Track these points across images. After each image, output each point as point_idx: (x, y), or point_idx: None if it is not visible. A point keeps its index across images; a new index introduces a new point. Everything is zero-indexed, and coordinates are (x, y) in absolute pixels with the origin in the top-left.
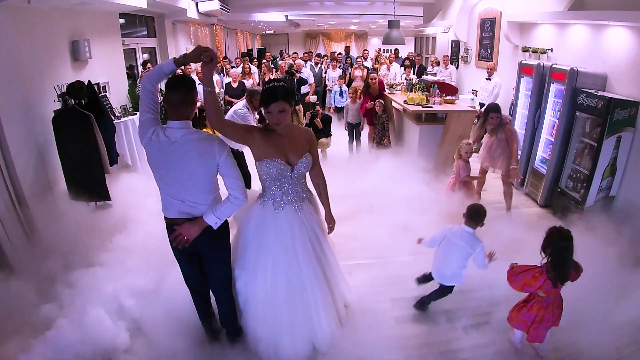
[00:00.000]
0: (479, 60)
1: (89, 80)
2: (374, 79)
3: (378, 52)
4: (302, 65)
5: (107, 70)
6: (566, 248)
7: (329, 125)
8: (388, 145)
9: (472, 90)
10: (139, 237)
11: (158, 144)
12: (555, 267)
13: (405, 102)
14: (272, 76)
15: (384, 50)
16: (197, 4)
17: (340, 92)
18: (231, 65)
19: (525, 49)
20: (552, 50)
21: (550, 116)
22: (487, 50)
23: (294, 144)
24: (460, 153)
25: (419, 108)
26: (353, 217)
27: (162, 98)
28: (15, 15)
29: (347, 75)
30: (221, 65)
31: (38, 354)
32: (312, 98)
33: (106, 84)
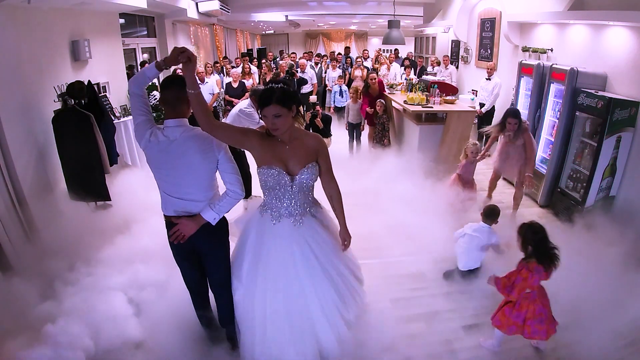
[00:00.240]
0: (479, 60)
1: (89, 80)
2: (374, 79)
3: (378, 52)
4: (305, 65)
5: (107, 70)
6: (543, 239)
7: (329, 126)
8: (388, 145)
9: (472, 90)
10: (140, 237)
11: (157, 145)
12: (542, 259)
13: (405, 102)
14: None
15: (384, 50)
16: (197, 4)
17: (340, 92)
18: (231, 65)
19: (525, 49)
20: (552, 50)
21: (550, 116)
22: (487, 50)
23: (297, 152)
24: (466, 153)
25: (419, 108)
26: (353, 216)
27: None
28: (15, 15)
29: (347, 75)
30: (221, 65)
31: (38, 352)
32: (313, 98)
33: (106, 84)
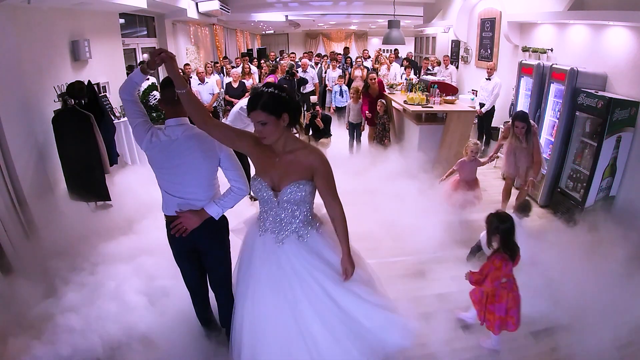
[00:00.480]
0: (479, 60)
1: (89, 80)
2: (374, 79)
3: (378, 52)
4: (307, 65)
5: (107, 70)
6: (510, 228)
7: (329, 126)
8: (388, 145)
9: (472, 90)
10: (140, 237)
11: (159, 145)
12: (507, 247)
13: (405, 102)
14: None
15: (384, 50)
16: (197, 4)
17: (340, 92)
18: (231, 65)
19: (525, 49)
20: (552, 50)
21: (550, 116)
22: (487, 50)
23: (288, 166)
24: (466, 152)
25: (419, 108)
26: (353, 216)
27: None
28: (15, 15)
29: (347, 75)
30: (221, 65)
31: (39, 352)
32: (314, 98)
33: (106, 84)
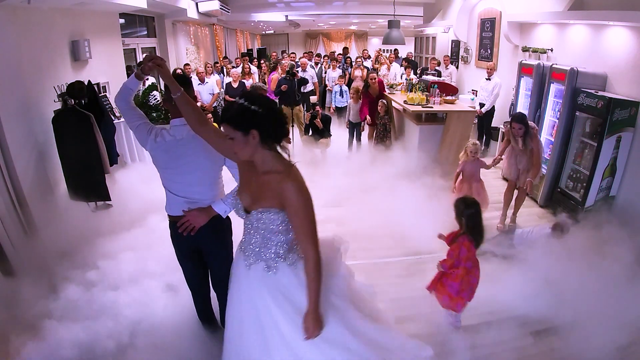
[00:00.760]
0: (479, 60)
1: (89, 80)
2: (374, 79)
3: (378, 52)
4: (307, 64)
5: (107, 70)
6: (475, 213)
7: (329, 126)
8: (389, 145)
9: (472, 90)
10: (141, 236)
11: (164, 145)
12: (472, 231)
13: (405, 102)
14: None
15: (384, 50)
16: (197, 4)
17: (340, 92)
18: (231, 65)
19: (525, 49)
20: (552, 50)
21: (550, 116)
22: (487, 50)
23: (261, 189)
24: (466, 152)
25: (419, 108)
26: (353, 216)
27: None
28: (15, 15)
29: (347, 76)
30: (221, 65)
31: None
32: (314, 98)
33: (106, 84)
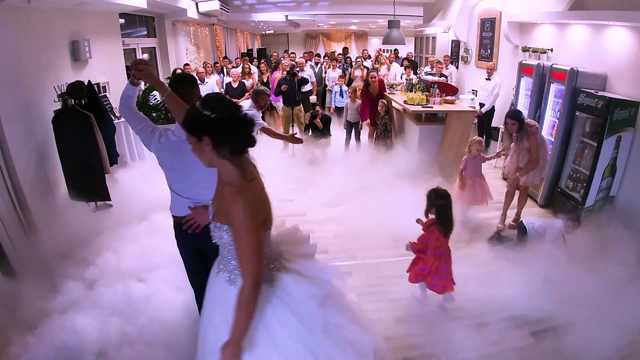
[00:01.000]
0: (479, 60)
1: (89, 80)
2: (374, 78)
3: (378, 52)
4: (304, 64)
5: (107, 70)
6: (445, 205)
7: (329, 125)
8: (389, 145)
9: (472, 90)
10: (141, 236)
11: (169, 145)
12: (441, 221)
13: (405, 102)
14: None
15: (384, 50)
16: (197, 4)
17: (340, 92)
18: (231, 65)
19: (525, 49)
20: (552, 50)
21: (550, 116)
22: (487, 50)
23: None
24: (470, 149)
25: (419, 108)
26: (353, 216)
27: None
28: (15, 15)
29: (347, 75)
30: (221, 65)
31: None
32: (313, 98)
33: (106, 84)
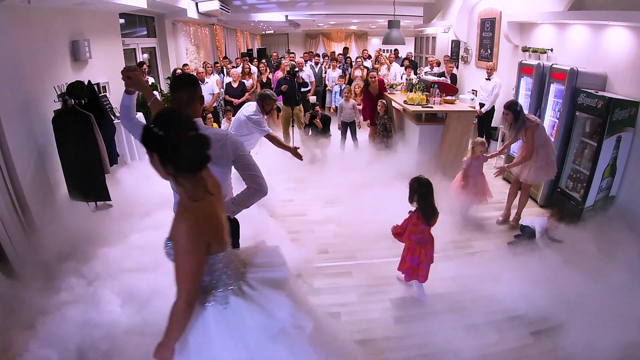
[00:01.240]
0: (479, 60)
1: (89, 80)
2: (374, 78)
3: (378, 52)
4: (303, 64)
5: (107, 70)
6: (427, 193)
7: (329, 125)
8: (389, 145)
9: (472, 90)
10: (141, 235)
11: None
12: (423, 210)
13: (405, 102)
14: (270, 76)
15: (384, 50)
16: (197, 4)
17: (340, 92)
18: (231, 65)
19: (525, 49)
20: (552, 50)
21: (550, 116)
22: (487, 50)
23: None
24: (474, 150)
25: (419, 108)
26: (353, 216)
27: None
28: (15, 15)
29: (347, 75)
30: (221, 65)
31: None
32: (312, 98)
33: (106, 84)
